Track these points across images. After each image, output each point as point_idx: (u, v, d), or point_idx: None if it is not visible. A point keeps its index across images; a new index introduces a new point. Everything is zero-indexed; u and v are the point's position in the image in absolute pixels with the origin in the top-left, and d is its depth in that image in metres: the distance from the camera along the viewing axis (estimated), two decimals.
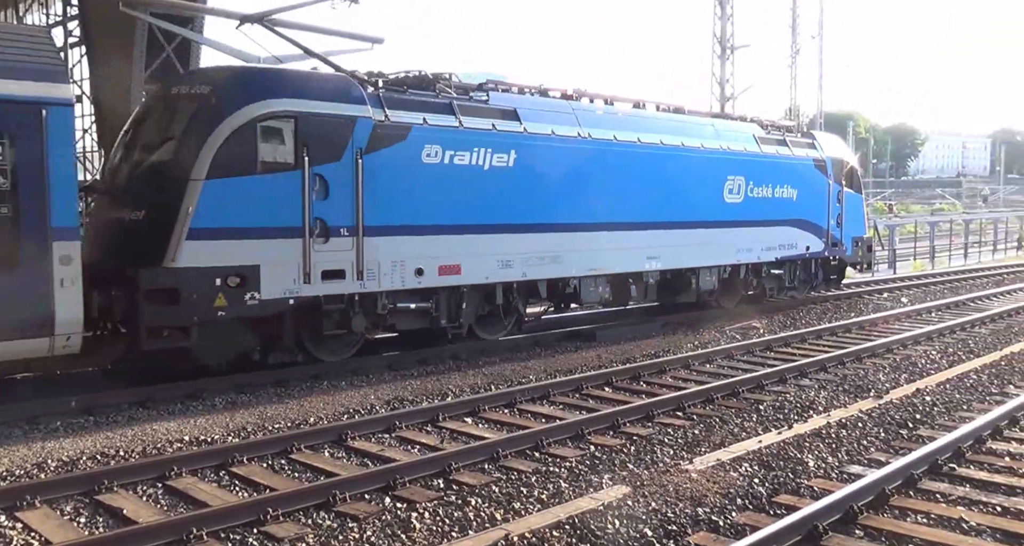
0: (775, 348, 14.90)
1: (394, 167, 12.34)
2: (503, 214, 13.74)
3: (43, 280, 9.48)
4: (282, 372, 12.05)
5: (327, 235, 11.72)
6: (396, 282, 12.52)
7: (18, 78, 9.39)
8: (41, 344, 9.59)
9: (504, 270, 13.82)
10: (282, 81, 11.76)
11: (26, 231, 9.43)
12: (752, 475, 7.84)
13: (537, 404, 10.95)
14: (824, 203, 20.53)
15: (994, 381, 11.99)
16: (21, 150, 9.37)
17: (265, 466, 8.39)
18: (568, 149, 14.61)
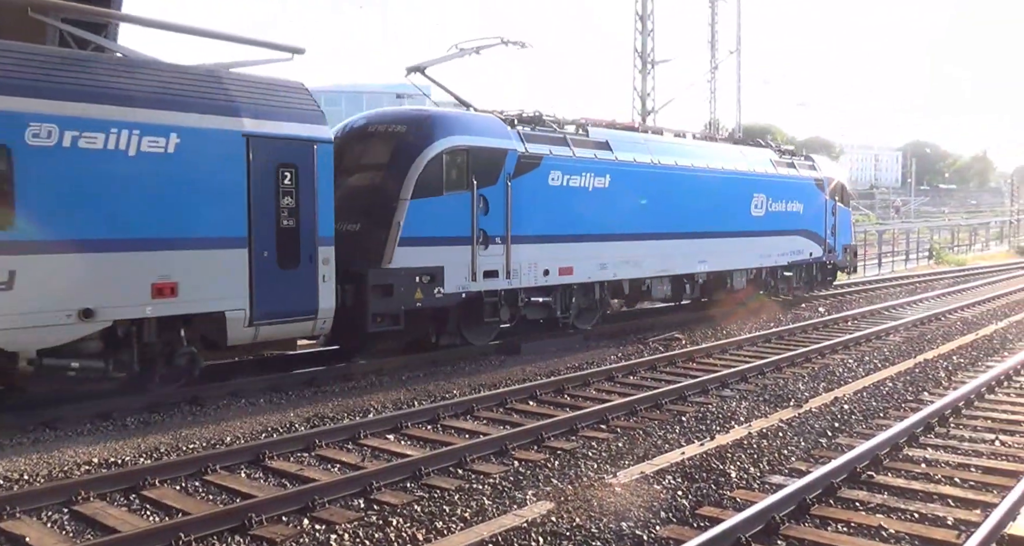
0: (697, 359, 15.02)
1: (530, 189, 15.39)
2: (601, 226, 16.76)
3: (312, 277, 12.15)
4: (197, 390, 11.73)
5: (487, 243, 14.69)
6: (530, 280, 15.53)
7: (299, 121, 12.11)
8: (307, 326, 12.28)
9: (601, 271, 16.87)
10: (458, 122, 14.80)
11: (303, 239, 12.05)
12: (675, 488, 7.84)
13: (461, 419, 10.83)
14: (822, 216, 23.84)
15: (909, 388, 12.24)
16: (301, 177, 12.00)
17: (178, 489, 8.12)
18: (644, 173, 17.76)
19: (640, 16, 32.67)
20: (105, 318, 10.24)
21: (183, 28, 13.37)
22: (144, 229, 10.52)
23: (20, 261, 9.49)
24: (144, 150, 10.46)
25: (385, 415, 10.66)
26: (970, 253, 50.22)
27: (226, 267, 11.27)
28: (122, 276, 10.35)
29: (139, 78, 10.71)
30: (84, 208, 10.06)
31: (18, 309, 9.48)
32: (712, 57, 43.22)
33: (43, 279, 9.69)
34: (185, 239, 10.89)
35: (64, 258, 9.89)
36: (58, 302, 9.82)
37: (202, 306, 11.08)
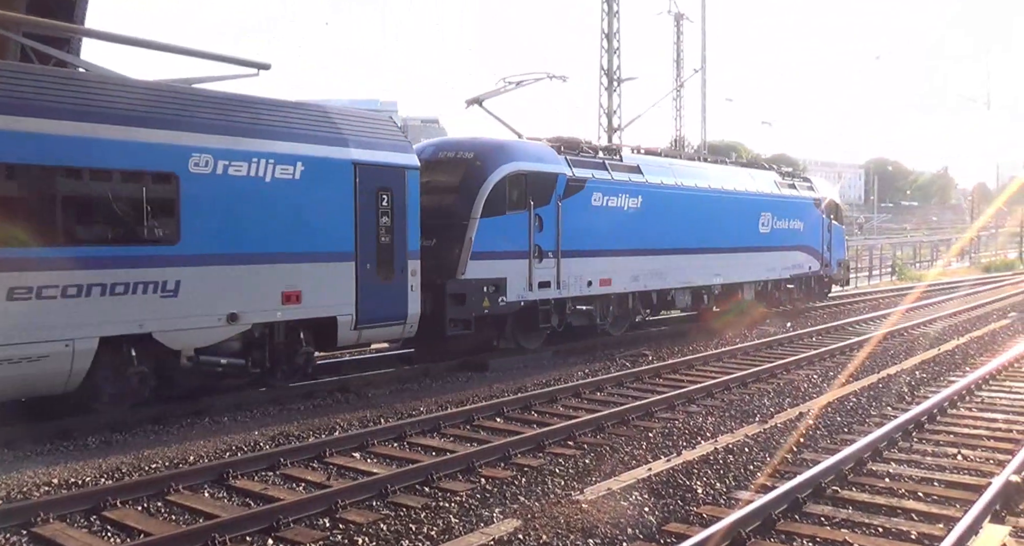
0: (664, 375, 15.06)
1: (576, 209, 17.23)
2: (635, 242, 18.67)
3: (403, 287, 13.98)
4: (160, 408, 11.59)
5: (542, 257, 16.52)
6: (576, 290, 17.35)
7: (393, 150, 13.98)
8: (398, 330, 14.17)
9: (634, 282, 18.78)
10: (517, 149, 16.82)
11: (397, 253, 13.83)
12: (642, 504, 7.84)
13: (427, 437, 10.78)
14: (819, 232, 26.02)
15: (873, 403, 12.34)
16: (395, 199, 13.81)
17: (140, 509, 8.00)
18: (670, 194, 19.74)
19: (606, 34, 32.90)
20: (246, 322, 12.05)
21: (148, 43, 13.29)
22: (276, 244, 12.32)
23: (184, 272, 11.29)
24: (277, 176, 12.27)
25: (351, 433, 10.59)
26: (932, 269, 50.83)
27: (337, 278, 13.12)
28: (260, 285, 12.16)
29: (270, 114, 12.55)
30: (232, 226, 11.83)
31: (182, 313, 11.29)
32: (677, 75, 43.65)
33: (200, 288, 11.48)
34: (307, 253, 12.73)
35: (217, 269, 11.68)
36: (212, 308, 11.62)
37: (319, 311, 12.93)
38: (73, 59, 14.11)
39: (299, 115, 12.94)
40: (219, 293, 11.67)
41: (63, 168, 10.27)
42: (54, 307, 10.09)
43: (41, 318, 9.99)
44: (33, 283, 9.93)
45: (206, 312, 11.53)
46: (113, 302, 10.62)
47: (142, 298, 10.88)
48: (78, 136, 10.29)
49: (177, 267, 11.21)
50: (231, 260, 11.79)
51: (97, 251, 10.55)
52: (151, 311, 10.98)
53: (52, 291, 10.07)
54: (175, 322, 11.22)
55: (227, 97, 12.41)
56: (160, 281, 11.06)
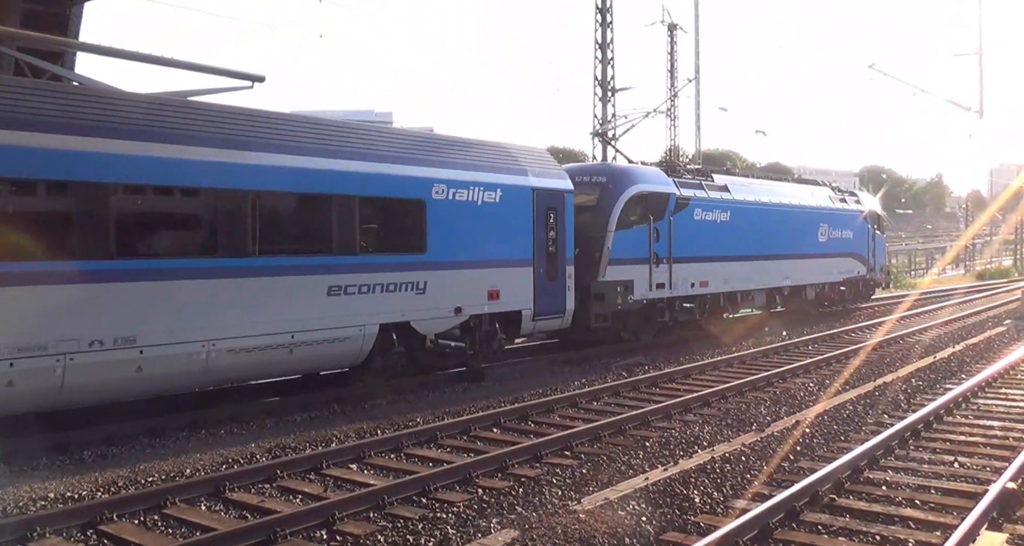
0: (660, 384, 15.07)
1: (683, 222, 20.49)
2: (725, 250, 21.89)
3: (563, 287, 17.20)
4: (157, 420, 11.57)
5: (658, 262, 19.70)
6: (683, 290, 20.49)
7: (555, 178, 17.43)
8: (559, 321, 17.31)
9: (724, 284, 21.94)
10: (640, 173, 20.14)
11: (559, 260, 17.12)
12: (640, 513, 7.83)
13: (424, 448, 10.77)
14: (866, 241, 29.53)
15: (869, 411, 12.35)
16: (558, 217, 17.10)
17: (137, 523, 7.98)
18: (750, 209, 23.08)
19: (600, 45, 32.99)
20: (466, 314, 15.28)
21: (142, 57, 13.32)
22: (484, 253, 15.58)
23: (429, 275, 14.53)
24: (484, 200, 15.61)
25: (348, 444, 10.58)
26: (927, 277, 50.91)
27: (522, 280, 16.35)
28: (474, 285, 15.38)
29: (478, 151, 16.11)
30: (457, 239, 15.07)
31: (428, 307, 14.53)
32: (671, 85, 43.76)
33: (439, 287, 14.68)
34: (503, 260, 15.98)
35: (449, 273, 14.90)
36: (446, 302, 14.88)
37: (511, 306, 16.17)
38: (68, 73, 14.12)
39: (494, 151, 16.57)
40: (450, 291, 14.93)
41: (367, 197, 13.65)
42: (354, 301, 13.36)
43: (346, 309, 13.23)
44: (342, 283, 13.20)
45: (442, 306, 14.83)
46: (387, 298, 13.88)
47: (403, 295, 14.15)
48: (378, 173, 13.85)
49: (426, 271, 14.49)
50: (457, 265, 15.08)
51: (381, 259, 13.89)
52: (409, 305, 14.23)
53: (352, 289, 13.34)
54: (424, 313, 14.50)
55: (450, 140, 16.12)
56: (415, 282, 14.34)
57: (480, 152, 16.10)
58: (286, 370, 13.43)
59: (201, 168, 11.58)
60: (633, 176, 19.76)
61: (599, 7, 32.86)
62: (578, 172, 19.56)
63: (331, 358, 13.43)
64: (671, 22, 43.82)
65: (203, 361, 11.49)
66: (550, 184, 17.10)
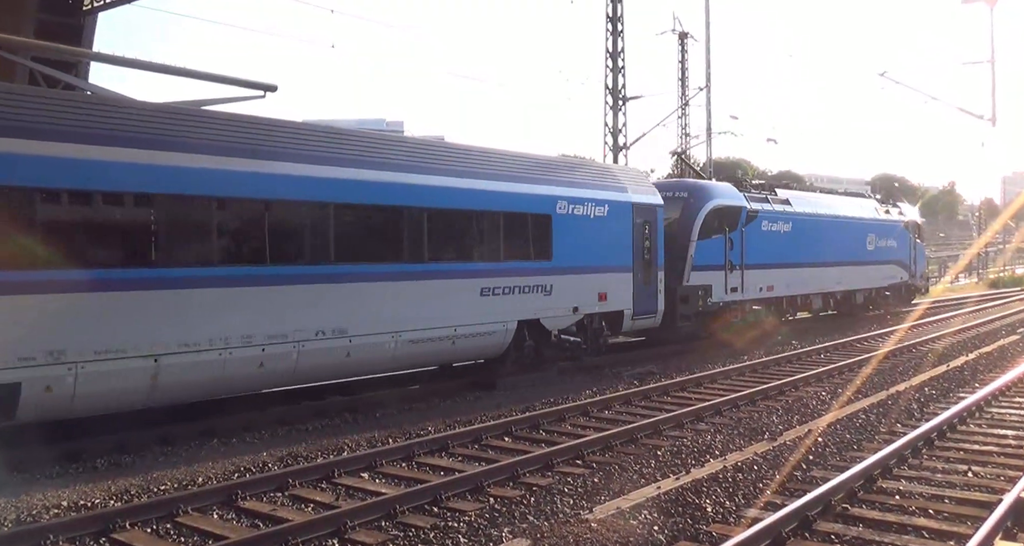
0: (672, 393, 15.04)
1: (753, 233, 22.75)
2: (787, 258, 24.11)
3: (655, 290, 19.41)
4: (168, 429, 11.60)
5: (732, 269, 21.86)
6: (753, 294, 22.76)
7: (648, 194, 19.77)
8: (651, 321, 19.46)
9: (787, 288, 24.28)
10: (716, 189, 22.54)
11: (653, 266, 19.29)
12: (652, 522, 7.81)
13: (436, 456, 10.77)
14: (907, 249, 31.90)
15: (882, 420, 12.29)
16: (651, 228, 19.31)
17: (149, 531, 8.01)
18: (808, 220, 25.38)
19: (611, 53, 33.02)
20: (581, 312, 17.58)
21: (155, 66, 13.42)
22: (595, 260, 17.81)
23: (554, 279, 16.84)
24: (595, 215, 17.90)
25: (359, 453, 10.59)
26: (939, 285, 50.66)
27: (624, 283, 18.57)
28: (587, 288, 17.66)
29: (584, 171, 19.13)
30: (574, 248, 17.26)
31: (553, 306, 16.91)
32: (682, 94, 43.79)
33: (562, 289, 17.00)
34: (609, 266, 18.26)
35: (569, 277, 17.21)
36: (566, 302, 17.13)
37: (616, 306, 18.38)
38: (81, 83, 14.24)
39: (600, 170, 19.97)
40: (570, 293, 17.18)
41: (509, 213, 16.12)
42: (499, 301, 15.75)
43: (494, 308, 15.57)
44: (491, 285, 15.58)
45: (564, 305, 17.11)
46: (523, 298, 16.20)
47: (535, 296, 16.46)
48: (517, 192, 16.32)
49: (552, 276, 16.79)
50: (576, 271, 17.34)
51: (519, 265, 16.20)
52: (539, 304, 16.56)
53: (499, 291, 15.73)
54: (550, 311, 16.80)
55: (567, 162, 20.35)
56: (544, 284, 16.65)
57: (589, 172, 19.11)
58: (447, 358, 15.89)
59: (399, 189, 14.20)
60: (711, 192, 22.17)
61: (609, 16, 32.90)
62: (663, 188, 21.47)
63: (481, 349, 15.89)
64: (682, 31, 43.90)
65: (392, 349, 13.88)
66: (646, 199, 19.48)
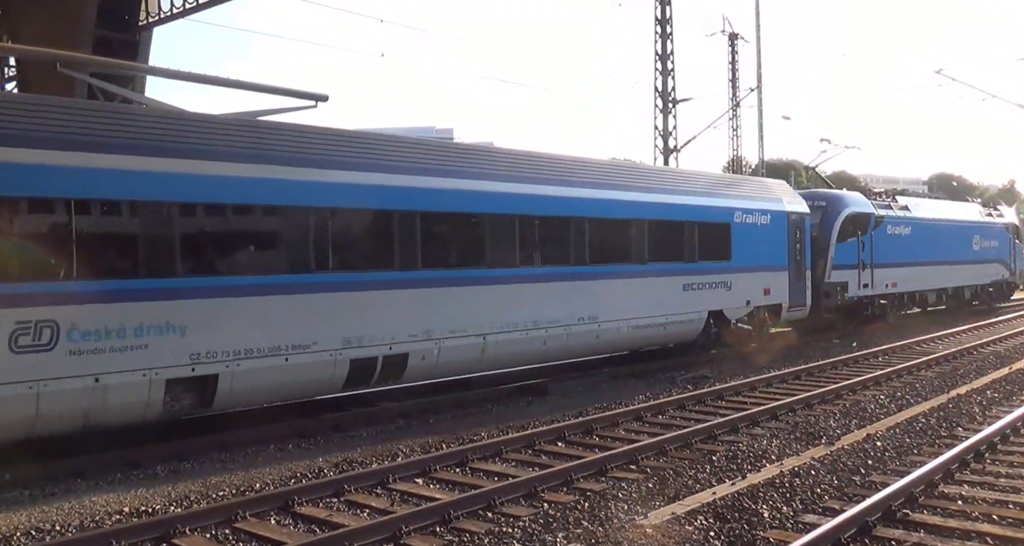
0: (726, 397, 14.90)
1: (880, 236, 25.80)
2: (907, 257, 27.07)
3: (805, 286, 22.35)
4: (226, 436, 11.77)
5: (863, 267, 24.85)
6: (880, 290, 25.85)
7: (798, 204, 22.65)
8: (802, 312, 22.34)
9: (907, 284, 27.19)
10: (849, 198, 25.83)
11: (802, 266, 22.15)
12: (707, 528, 7.74)
13: (489, 462, 10.77)
14: (1008, 249, 34.65)
15: (943, 424, 12.07)
16: (800, 233, 22.11)
17: (208, 537, 8.11)
18: (924, 224, 28.50)
19: (660, 56, 32.90)
20: (751, 305, 20.47)
21: (209, 79, 13.64)
22: (761, 261, 20.67)
23: (733, 276, 19.86)
24: (760, 223, 20.88)
25: (413, 459, 10.63)
26: None
27: (781, 280, 21.41)
28: (756, 284, 20.56)
29: (751, 185, 22.30)
30: (745, 251, 20.10)
31: (732, 299, 19.85)
32: (733, 95, 43.45)
33: (738, 285, 19.92)
34: (771, 266, 21.13)
35: (743, 275, 20.02)
36: (741, 296, 20.07)
37: (776, 300, 21.29)
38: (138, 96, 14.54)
39: (760, 185, 22.87)
40: (744, 288, 20.07)
41: (702, 222, 19.18)
42: (696, 295, 18.83)
43: (692, 300, 18.77)
44: (690, 281, 18.70)
45: (740, 299, 20.05)
46: (711, 292, 19.26)
47: (719, 291, 19.45)
48: (707, 205, 19.47)
49: (731, 273, 19.77)
50: (748, 270, 20.20)
51: (709, 265, 19.24)
52: (722, 298, 19.54)
53: (695, 286, 18.78)
54: (730, 303, 19.80)
55: (737, 178, 24.42)
56: (725, 281, 19.62)
57: (753, 186, 22.26)
58: (658, 341, 18.81)
59: (634, 206, 17.58)
60: (846, 200, 25.41)
61: (658, 19, 32.80)
62: (805, 197, 24.36)
63: (682, 334, 18.93)
64: (732, 32, 43.60)
65: (625, 333, 17.25)
66: (796, 208, 22.47)
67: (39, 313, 9.67)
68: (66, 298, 9.89)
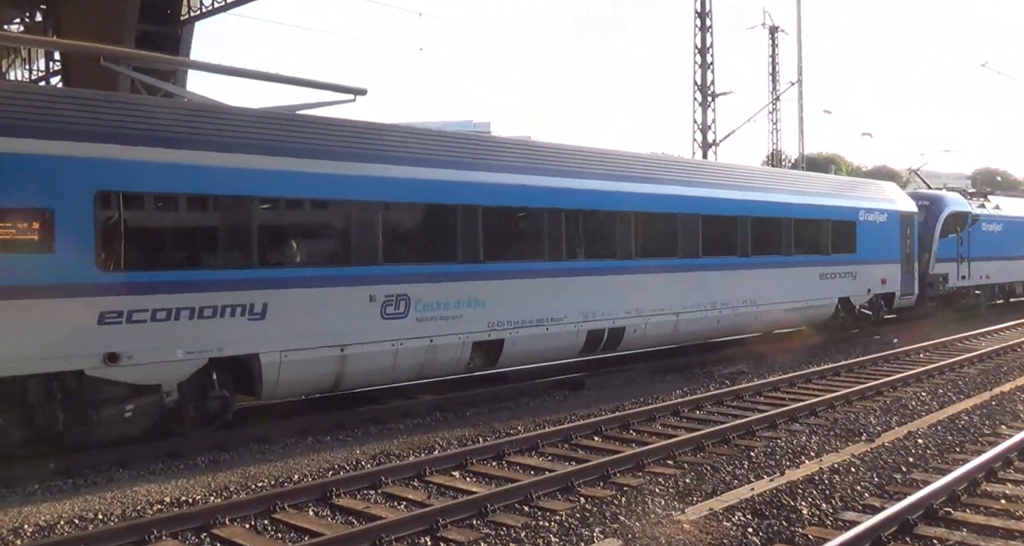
0: (765, 393, 14.78)
1: (976, 232, 27.97)
2: (997, 252, 29.35)
3: (912, 277, 24.58)
4: (265, 428, 11.88)
5: (961, 261, 27.07)
6: (975, 281, 28.12)
7: (907, 203, 25.08)
8: (910, 299, 24.87)
9: (997, 275, 29.59)
10: (950, 198, 27.95)
11: (911, 259, 24.67)
12: (745, 524, 7.69)
13: (526, 456, 10.77)
14: None
15: (986, 422, 11.90)
16: (909, 230, 24.39)
17: (248, 527, 8.19)
18: (1012, 221, 30.83)
19: (699, 50, 32.68)
20: (871, 292, 23.10)
21: (249, 73, 13.74)
22: (879, 254, 23.04)
23: (857, 268, 22.38)
24: (878, 221, 23.21)
25: (450, 452, 10.66)
26: None
27: (894, 272, 23.72)
28: (874, 275, 22.99)
29: (869, 188, 24.58)
30: (868, 245, 22.63)
31: (856, 287, 22.29)
32: (773, 89, 43.07)
33: (861, 275, 22.41)
34: (886, 259, 23.45)
35: (866, 266, 22.75)
36: (864, 285, 22.74)
37: (890, 289, 23.65)
38: (179, 90, 14.67)
39: (876, 187, 24.99)
40: (866, 278, 22.61)
41: (834, 220, 21.77)
42: (828, 283, 21.34)
43: (826, 287, 21.28)
44: (825, 272, 21.14)
45: (863, 287, 22.64)
46: (841, 281, 21.77)
47: (846, 280, 21.91)
48: (839, 205, 22.15)
49: (856, 265, 22.28)
50: (869, 262, 22.69)
51: (838, 258, 21.70)
52: (848, 286, 22.05)
53: (828, 275, 21.30)
54: (854, 291, 22.43)
55: (859, 181, 26.69)
56: (851, 272, 22.05)
57: (872, 188, 24.75)
58: (799, 323, 21.28)
59: (785, 207, 20.16)
60: (946, 200, 27.63)
61: (698, 12, 32.57)
62: (911, 197, 26.68)
63: (817, 317, 21.36)
64: (772, 25, 43.22)
65: (775, 315, 19.83)
66: (906, 208, 24.78)
67: (398, 289, 12.65)
68: (414, 278, 12.88)
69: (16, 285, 9.38)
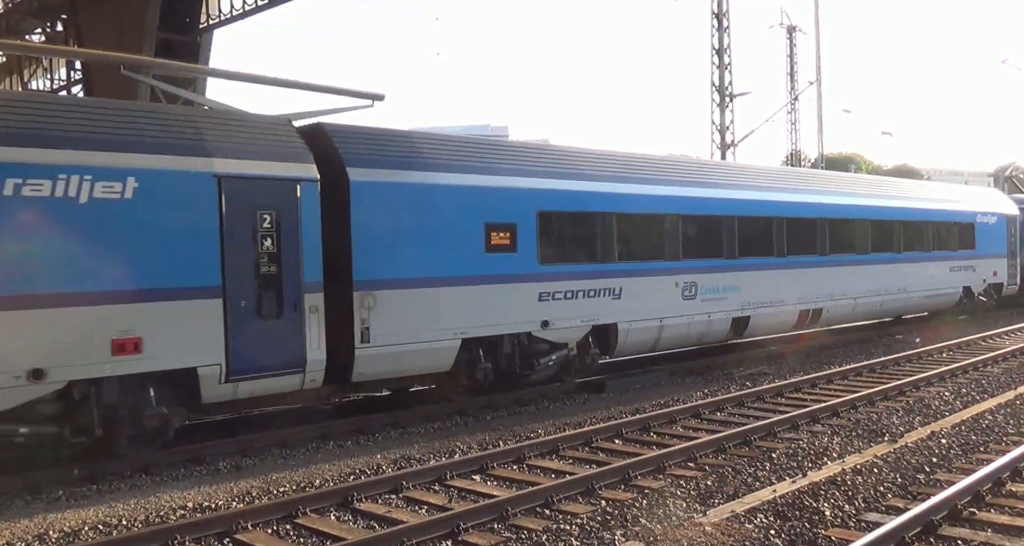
0: (786, 394, 14.71)
1: None
2: None
3: (1016, 269, 28.39)
4: (287, 432, 11.93)
5: (1016, 257, 28.44)
6: None
7: (1012, 206, 29.70)
8: (1015, 288, 28.30)
9: None
10: (1006, 198, 29.69)
11: (1015, 255, 28.50)
12: (768, 526, 7.66)
13: (547, 459, 10.77)
14: None
15: (1010, 421, 11.80)
16: (1013, 230, 28.58)
17: (270, 532, 8.23)
18: None
19: (717, 50, 32.59)
20: (986, 283, 26.48)
21: (266, 79, 13.80)
22: (992, 250, 26.32)
23: (976, 262, 25.84)
24: (990, 222, 26.81)
25: (471, 455, 10.67)
26: None
27: (1002, 265, 27.07)
28: (988, 267, 26.47)
29: (982, 195, 28.45)
30: (984, 242, 26.32)
31: (975, 277, 26.03)
32: (791, 88, 42.90)
33: (979, 268, 26.10)
34: (997, 254, 26.83)
35: (983, 260, 26.30)
36: (981, 276, 26.28)
37: (999, 280, 26.94)
38: (199, 98, 14.77)
39: (988, 193, 29.27)
40: (982, 270, 26.19)
41: (955, 223, 25.17)
42: (954, 274, 24.90)
43: (952, 278, 24.81)
44: (953, 265, 24.55)
45: (980, 278, 26.15)
46: (963, 273, 25.26)
47: (968, 272, 25.55)
48: (958, 210, 25.67)
49: (975, 259, 25.74)
50: (985, 257, 26.13)
51: (962, 253, 25.23)
52: (969, 277, 25.57)
53: (955, 268, 24.85)
54: (974, 281, 26.04)
55: (974, 190, 30.05)
56: (971, 265, 25.57)
57: (982, 193, 28.97)
58: (930, 308, 25.12)
59: (924, 212, 23.85)
60: (1012, 204, 29.53)
61: (715, 12, 32.50)
62: (1012, 201, 29.72)
63: (946, 303, 25.06)
64: (790, 24, 43.04)
65: (916, 300, 23.64)
66: (1010, 211, 28.15)
67: (690, 278, 16.68)
68: (696, 270, 16.81)
69: (497, 274, 13.60)
